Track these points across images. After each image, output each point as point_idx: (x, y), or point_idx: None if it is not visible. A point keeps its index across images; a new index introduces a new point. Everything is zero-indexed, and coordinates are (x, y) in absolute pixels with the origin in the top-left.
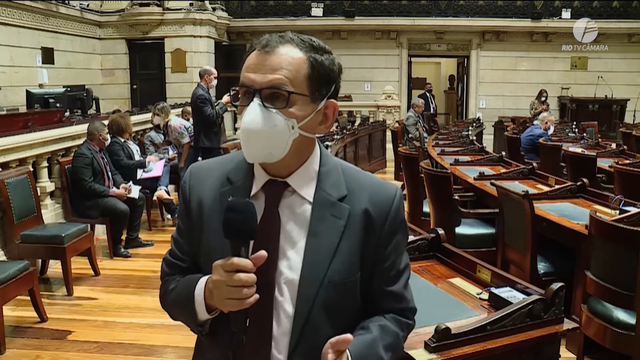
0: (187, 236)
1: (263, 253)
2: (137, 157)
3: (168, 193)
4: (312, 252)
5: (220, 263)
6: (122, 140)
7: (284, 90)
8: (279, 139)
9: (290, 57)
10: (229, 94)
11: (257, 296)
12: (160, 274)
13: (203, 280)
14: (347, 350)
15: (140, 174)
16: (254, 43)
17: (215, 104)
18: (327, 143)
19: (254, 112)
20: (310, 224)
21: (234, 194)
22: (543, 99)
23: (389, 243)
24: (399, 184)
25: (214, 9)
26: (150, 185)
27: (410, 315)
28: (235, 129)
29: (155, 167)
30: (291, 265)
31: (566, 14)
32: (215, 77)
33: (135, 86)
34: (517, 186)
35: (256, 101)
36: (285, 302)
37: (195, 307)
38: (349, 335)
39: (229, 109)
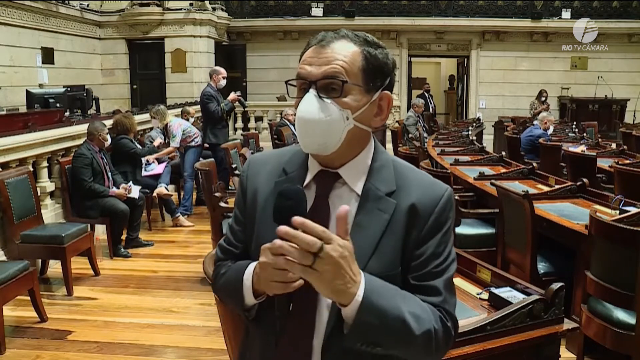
0: (242, 224)
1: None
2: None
3: (167, 190)
4: (354, 244)
5: (269, 246)
6: (129, 138)
7: (338, 79)
8: (333, 129)
9: (345, 49)
10: (234, 92)
11: (301, 281)
12: (214, 258)
13: (252, 265)
14: (362, 274)
15: (142, 172)
16: (310, 40)
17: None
18: None
19: (309, 102)
20: (356, 215)
21: (288, 184)
22: (543, 99)
23: (429, 240)
24: None
25: (214, 9)
26: (150, 183)
27: (448, 318)
28: (235, 129)
29: (157, 165)
30: None
31: (566, 14)
32: (223, 77)
33: (135, 86)
34: (517, 186)
35: (312, 92)
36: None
37: (243, 292)
38: (344, 206)
39: (235, 107)
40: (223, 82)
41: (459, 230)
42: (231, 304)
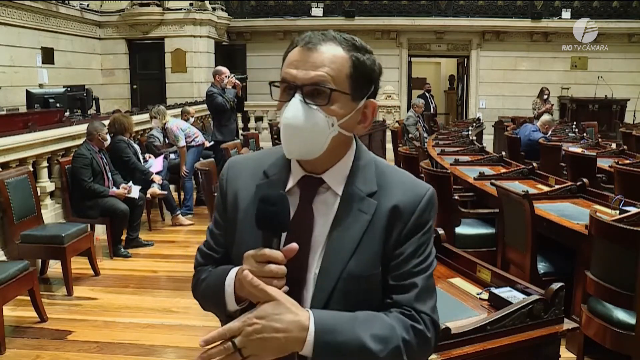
0: (222, 228)
1: (294, 246)
2: (140, 156)
3: (162, 188)
4: (334, 244)
5: (252, 253)
6: (126, 139)
7: (326, 87)
8: (318, 136)
9: (332, 55)
10: (232, 75)
11: (286, 288)
12: (194, 263)
13: (234, 270)
14: (310, 313)
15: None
16: (295, 40)
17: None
18: None
19: (295, 108)
20: (336, 216)
21: (269, 187)
22: (545, 97)
23: (407, 240)
24: None
25: (214, 9)
26: (147, 183)
27: (419, 318)
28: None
29: (155, 162)
30: (319, 260)
31: (566, 14)
32: (226, 77)
33: (135, 86)
34: (517, 186)
35: (297, 97)
36: (310, 298)
37: (225, 298)
38: (247, 271)
39: (239, 91)
40: (226, 82)
41: (459, 230)
42: (212, 310)
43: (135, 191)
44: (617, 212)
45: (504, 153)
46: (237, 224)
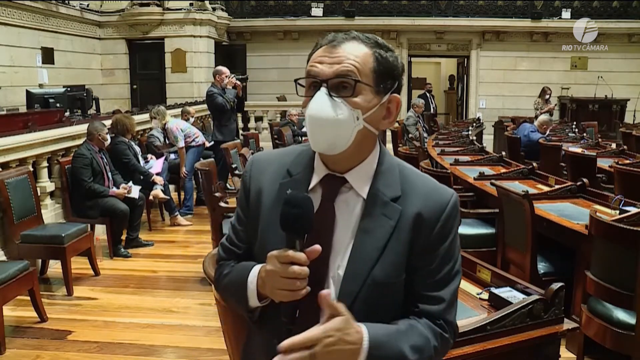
0: (244, 224)
1: (317, 247)
2: (140, 157)
3: (164, 192)
4: (359, 249)
5: (276, 254)
6: (127, 140)
7: (351, 78)
8: (343, 129)
9: (356, 50)
10: (232, 75)
11: (308, 289)
12: (216, 257)
13: (257, 268)
14: (365, 328)
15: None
16: (319, 41)
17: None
18: None
19: (320, 101)
20: (361, 220)
21: (292, 186)
22: (547, 97)
23: (436, 249)
24: None
25: (214, 9)
26: (147, 183)
27: (447, 328)
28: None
29: (155, 163)
30: (341, 261)
31: (566, 14)
32: (226, 76)
33: (135, 86)
34: (517, 186)
35: (323, 90)
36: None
37: (247, 294)
38: (327, 290)
39: (239, 92)
40: (226, 82)
41: (459, 230)
42: (234, 305)
43: (135, 191)
44: (617, 212)
45: (504, 153)
46: (259, 221)
